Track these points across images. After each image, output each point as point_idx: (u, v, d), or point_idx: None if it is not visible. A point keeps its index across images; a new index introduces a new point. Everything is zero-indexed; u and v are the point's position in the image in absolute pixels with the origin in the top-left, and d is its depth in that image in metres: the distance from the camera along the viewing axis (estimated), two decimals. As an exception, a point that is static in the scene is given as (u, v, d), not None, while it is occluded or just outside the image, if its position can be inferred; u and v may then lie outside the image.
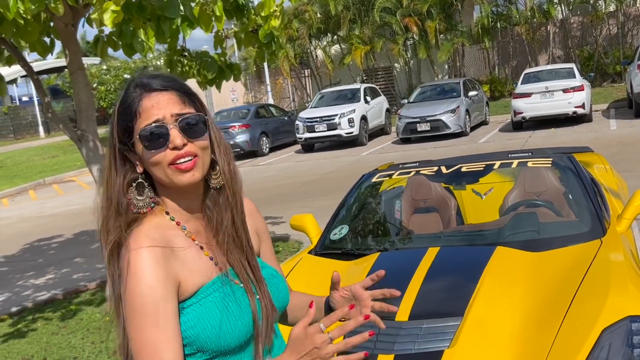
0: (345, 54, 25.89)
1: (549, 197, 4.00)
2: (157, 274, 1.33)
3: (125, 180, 1.42)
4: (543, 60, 24.80)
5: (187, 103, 1.42)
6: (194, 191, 1.45)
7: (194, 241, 1.45)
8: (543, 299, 2.79)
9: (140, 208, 1.42)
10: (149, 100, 1.39)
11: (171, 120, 1.38)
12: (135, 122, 1.39)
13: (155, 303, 1.31)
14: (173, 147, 1.37)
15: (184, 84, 1.46)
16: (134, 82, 1.44)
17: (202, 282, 1.40)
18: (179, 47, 6.03)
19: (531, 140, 14.72)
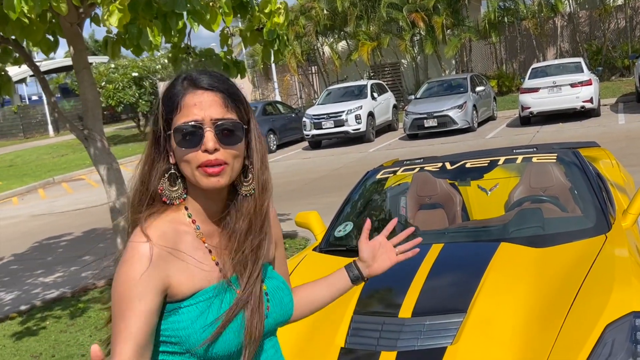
0: (352, 50, 25.86)
1: (555, 192, 3.99)
2: (144, 270, 1.33)
3: (160, 168, 1.44)
4: (551, 55, 24.69)
5: (230, 108, 1.40)
6: (217, 195, 1.44)
7: (203, 243, 1.44)
8: (547, 295, 2.79)
9: (172, 199, 1.43)
10: (192, 97, 1.38)
11: (209, 122, 1.37)
12: (175, 115, 1.39)
13: (131, 298, 1.32)
14: (205, 149, 1.37)
15: (232, 86, 1.44)
16: (184, 74, 1.43)
17: (201, 285, 1.40)
18: (183, 44, 6.04)
19: (539, 135, 14.66)
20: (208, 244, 1.45)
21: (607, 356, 2.34)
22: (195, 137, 1.37)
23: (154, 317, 1.35)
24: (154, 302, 1.34)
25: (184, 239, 1.42)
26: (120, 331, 1.31)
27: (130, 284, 1.33)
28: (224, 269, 1.44)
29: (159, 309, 1.36)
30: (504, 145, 10.87)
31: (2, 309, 6.72)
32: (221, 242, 1.46)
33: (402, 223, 4.35)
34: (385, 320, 2.79)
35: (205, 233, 1.45)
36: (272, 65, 26.57)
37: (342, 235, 3.94)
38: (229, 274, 1.44)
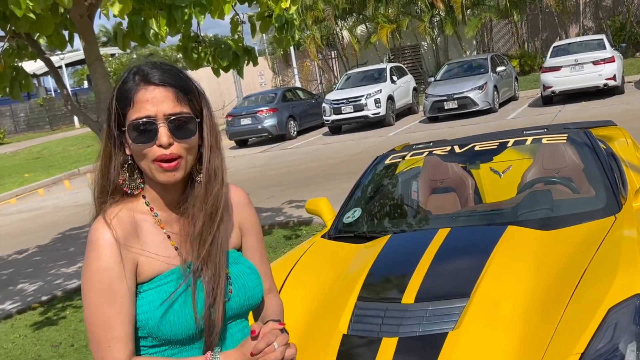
0: (371, 33, 25.67)
1: (568, 173, 3.93)
2: (113, 255, 1.38)
3: (118, 160, 1.48)
4: (573, 32, 24.26)
5: (182, 102, 1.43)
6: (174, 185, 1.47)
7: (162, 229, 1.48)
8: (551, 278, 2.76)
9: (133, 189, 1.48)
10: (144, 93, 1.41)
11: (162, 118, 1.41)
12: (128, 110, 1.42)
13: (111, 282, 1.37)
14: (159, 144, 1.40)
15: (184, 79, 1.47)
16: (135, 68, 1.46)
17: (160, 270, 1.44)
18: (192, 34, 6.03)
19: (561, 114, 14.46)
20: (167, 230, 1.49)
21: (609, 339, 2.31)
22: (150, 133, 1.40)
23: (134, 298, 1.41)
24: (131, 282, 1.40)
25: (142, 225, 1.46)
26: (113, 316, 1.36)
27: (108, 270, 1.38)
28: (184, 254, 1.47)
29: (135, 289, 1.42)
30: (525, 126, 10.74)
31: (25, 299, 6.84)
32: (181, 228, 1.49)
33: (414, 208, 4.34)
34: (388, 306, 2.78)
35: (164, 220, 1.49)
36: (291, 51, 26.51)
37: (350, 221, 3.93)
38: (189, 259, 1.47)
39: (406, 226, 3.91)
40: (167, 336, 1.41)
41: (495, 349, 2.43)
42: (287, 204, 9.57)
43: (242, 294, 1.53)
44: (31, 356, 5.07)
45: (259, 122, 19.01)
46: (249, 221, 1.67)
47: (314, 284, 3.18)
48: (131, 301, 1.40)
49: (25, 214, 13.60)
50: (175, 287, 1.43)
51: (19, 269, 8.39)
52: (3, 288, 7.58)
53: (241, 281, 1.54)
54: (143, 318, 1.41)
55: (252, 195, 9.19)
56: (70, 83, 40.40)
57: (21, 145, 30.12)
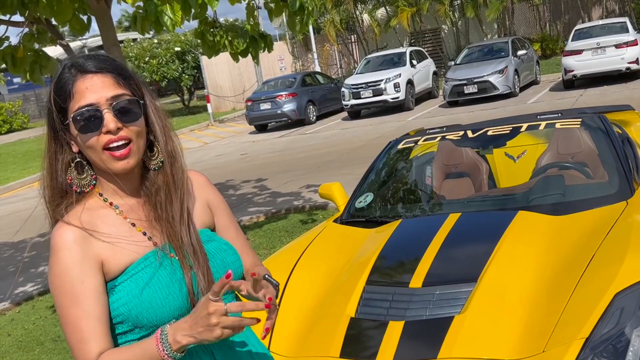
0: (391, 17, 25.49)
1: (583, 158, 3.92)
2: (73, 255, 1.37)
3: (65, 160, 1.45)
4: (596, 15, 23.89)
5: (123, 86, 1.42)
6: (128, 174, 1.46)
7: (125, 219, 1.46)
8: (559, 264, 2.76)
9: (82, 187, 1.45)
10: (83, 82, 1.39)
11: (105, 104, 1.38)
12: (69, 103, 1.40)
13: (71, 283, 1.36)
14: (107, 131, 1.38)
15: (120, 65, 1.46)
16: (69, 62, 1.44)
17: (132, 259, 1.42)
18: (209, 19, 6.06)
19: (582, 99, 14.30)
20: (130, 219, 1.47)
21: (614, 324, 2.31)
22: (95, 121, 1.38)
23: (103, 295, 1.39)
24: (96, 279, 1.38)
25: (104, 220, 1.44)
26: (79, 317, 1.35)
27: (65, 272, 1.36)
28: (154, 237, 1.46)
29: (104, 286, 1.39)
30: (546, 110, 10.65)
31: (46, 282, 6.96)
32: (147, 213, 1.49)
33: (427, 193, 4.35)
34: (396, 290, 2.81)
35: (125, 209, 1.48)
36: (311, 35, 26.43)
37: (362, 206, 3.95)
38: (159, 242, 1.46)
39: (418, 211, 3.92)
40: (153, 322, 1.40)
41: (500, 333, 2.45)
42: (304, 188, 9.61)
43: (222, 269, 1.51)
44: (51, 337, 5.18)
45: (278, 107, 19.03)
46: (215, 200, 1.66)
47: (324, 267, 3.22)
48: (97, 299, 1.37)
49: (47, 198, 13.78)
50: (152, 272, 1.42)
51: (41, 252, 8.53)
52: (25, 270, 7.73)
53: (219, 257, 1.53)
54: (124, 310, 1.39)
55: (270, 180, 9.30)
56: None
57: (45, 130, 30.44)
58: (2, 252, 9.05)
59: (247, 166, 12.96)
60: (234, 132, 20.78)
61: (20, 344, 5.18)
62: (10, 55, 5.68)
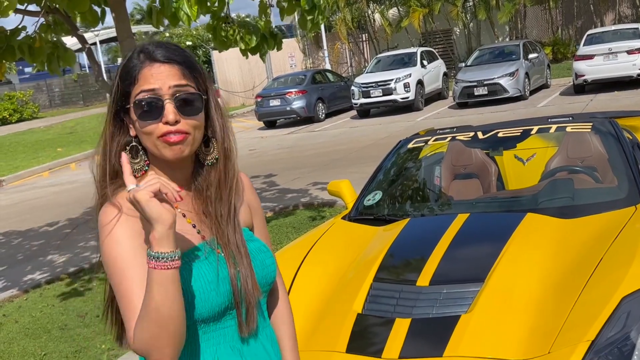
0: (403, 17, 25.47)
1: (592, 163, 3.92)
2: (125, 232, 1.36)
3: (121, 142, 1.45)
4: (609, 20, 23.81)
5: (188, 79, 1.42)
6: (181, 165, 1.46)
7: (177, 208, 1.43)
8: (566, 266, 2.78)
9: (136, 171, 1.43)
10: (149, 69, 1.39)
11: (168, 92, 1.38)
12: (132, 88, 1.40)
13: (122, 256, 1.35)
14: (165, 121, 1.38)
15: (189, 57, 1.45)
16: (140, 47, 1.44)
17: (181, 248, 1.37)
18: (223, 14, 6.09)
19: (592, 104, 14.27)
20: (181, 209, 1.47)
21: (620, 328, 2.32)
22: (156, 110, 1.38)
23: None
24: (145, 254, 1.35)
25: None
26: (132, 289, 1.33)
27: (118, 245, 1.36)
28: (202, 231, 1.47)
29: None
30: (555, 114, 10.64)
31: (54, 270, 7.03)
32: (197, 207, 1.49)
33: (435, 193, 4.37)
34: (403, 288, 2.83)
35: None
36: (322, 33, 26.44)
37: (371, 204, 3.97)
38: (207, 236, 1.47)
39: (426, 210, 3.94)
40: (192, 315, 1.38)
41: (506, 333, 2.47)
42: (312, 185, 9.64)
43: (261, 270, 1.51)
44: (58, 325, 5.22)
45: (287, 104, 19.06)
46: (254, 203, 1.66)
47: (332, 264, 3.24)
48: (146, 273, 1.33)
49: (57, 187, 13.88)
50: (198, 265, 1.41)
51: (50, 241, 8.60)
52: (33, 258, 7.79)
53: (259, 259, 1.53)
54: None
55: (278, 176, 9.33)
56: (105, 60, 40.82)
57: (55, 119, 30.61)
58: (11, 240, 9.11)
59: (255, 162, 13.00)
60: (243, 128, 20.83)
61: (28, 331, 5.23)
62: (27, 46, 5.72)
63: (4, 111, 32.06)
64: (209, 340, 1.43)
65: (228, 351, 1.44)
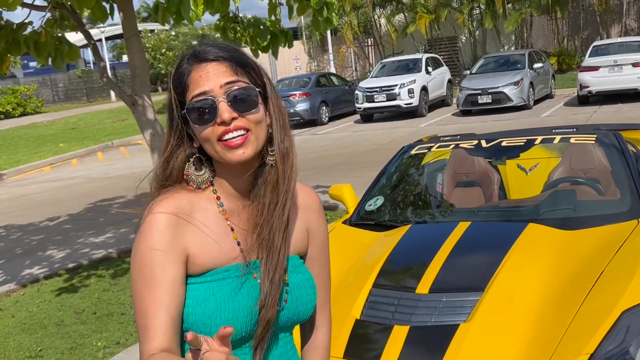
0: (409, 23, 25.49)
1: (595, 175, 3.92)
2: (162, 239, 1.29)
3: (182, 155, 1.38)
4: (615, 33, 23.80)
5: (240, 73, 1.33)
6: (245, 169, 1.35)
7: (226, 220, 1.37)
8: (567, 278, 2.77)
9: (200, 184, 1.37)
10: (197, 71, 1.32)
11: (220, 92, 1.30)
12: (185, 94, 1.33)
13: (152, 267, 1.28)
14: (221, 121, 1.29)
15: (239, 52, 1.36)
16: (189, 52, 1.37)
17: (216, 264, 1.33)
18: (231, 14, 6.09)
19: (596, 115, 14.26)
20: (231, 222, 1.37)
21: (620, 342, 2.32)
22: (210, 111, 1.30)
23: (181, 287, 1.29)
24: (177, 270, 1.29)
25: (204, 214, 1.36)
26: (150, 303, 1.26)
27: (150, 255, 1.28)
28: (246, 250, 1.35)
29: (183, 279, 1.31)
30: (558, 125, 10.64)
31: (52, 266, 7.01)
32: (248, 221, 1.38)
33: (437, 199, 4.36)
34: (402, 294, 2.82)
35: (229, 210, 1.38)
36: (328, 36, 26.47)
37: (372, 209, 3.96)
38: (249, 257, 1.35)
39: (428, 217, 3.93)
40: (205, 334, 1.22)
41: (505, 344, 2.46)
42: (313, 188, 9.61)
43: (294, 307, 1.39)
44: (54, 321, 5.21)
45: (291, 106, 19.06)
46: (317, 227, 1.51)
47: (332, 268, 3.22)
48: (172, 290, 1.27)
49: (58, 183, 13.88)
50: (228, 287, 1.31)
51: (49, 236, 8.60)
52: (32, 253, 7.79)
53: (296, 293, 1.40)
54: (184, 312, 1.30)
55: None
56: (109, 57, 40.92)
57: (58, 115, 30.64)
58: (10, 234, 9.11)
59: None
60: (246, 129, 20.79)
61: (24, 326, 5.22)
62: (33, 41, 5.72)
63: (7, 105, 32.09)
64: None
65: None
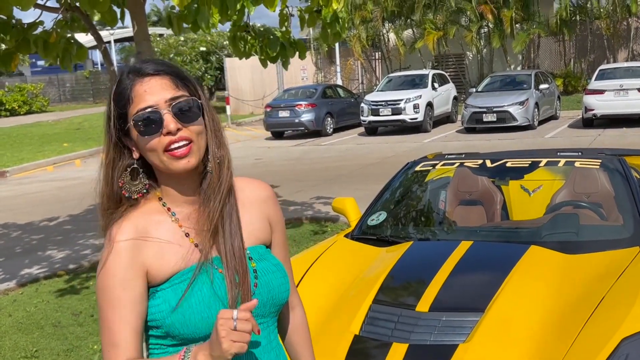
0: (417, 38, 25.57)
1: (598, 199, 3.92)
2: (120, 261, 1.39)
3: (122, 166, 1.45)
4: (622, 57, 23.83)
5: (181, 87, 1.43)
6: (189, 177, 1.45)
7: (180, 227, 1.46)
8: (567, 303, 2.77)
9: (132, 193, 1.45)
10: (141, 85, 1.40)
11: (165, 105, 1.39)
12: (128, 108, 1.41)
13: (113, 287, 1.38)
14: (167, 132, 1.38)
15: (177, 67, 1.47)
16: (127, 67, 1.44)
17: (178, 268, 1.42)
18: (242, 23, 6.11)
19: (600, 139, 14.27)
20: (185, 227, 1.46)
21: (618, 370, 2.32)
22: (155, 123, 1.38)
23: (142, 303, 1.41)
24: (138, 287, 1.40)
25: (159, 226, 1.44)
26: (114, 321, 1.38)
27: (111, 277, 1.38)
28: (205, 249, 1.44)
29: (144, 295, 1.41)
30: (562, 147, 10.64)
31: (52, 266, 7.01)
32: (201, 223, 1.46)
33: (439, 217, 4.36)
34: (402, 312, 2.82)
35: (182, 217, 1.47)
36: (336, 48, 26.53)
37: (374, 224, 3.97)
38: (209, 255, 1.44)
39: (430, 234, 3.94)
40: (185, 335, 1.39)
41: (503, 366, 2.46)
42: (315, 199, 9.64)
43: (266, 292, 1.47)
44: (51, 322, 5.21)
45: (296, 116, 19.11)
46: (276, 216, 1.61)
47: (332, 281, 3.23)
48: (133, 308, 1.39)
49: (60, 182, 13.89)
50: (194, 284, 1.40)
51: (49, 236, 8.60)
52: (32, 253, 7.79)
53: (265, 278, 1.49)
54: (159, 317, 1.40)
55: (282, 187, 9.30)
56: (117, 59, 41.01)
57: (63, 114, 30.71)
58: (10, 233, 9.11)
59: (260, 171, 13.01)
60: (250, 137, 20.87)
61: (21, 325, 5.21)
62: (42, 40, 5.75)
63: (13, 102, 32.19)
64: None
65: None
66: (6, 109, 31.96)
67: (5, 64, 5.80)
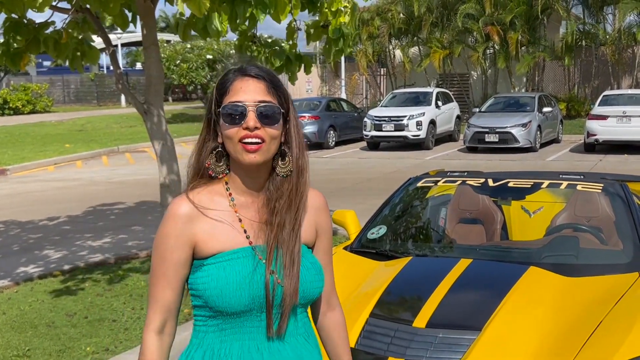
0: (423, 56, 25.68)
1: (598, 223, 3.92)
2: (175, 227, 1.61)
3: (209, 147, 1.66)
4: (626, 84, 23.93)
5: (272, 94, 1.61)
6: (255, 172, 1.63)
7: (235, 213, 1.64)
8: (565, 325, 2.76)
9: (217, 173, 1.65)
10: (240, 82, 1.61)
11: (252, 104, 1.58)
12: (225, 97, 1.61)
13: (165, 248, 1.61)
14: (246, 127, 1.57)
15: (275, 77, 1.65)
16: (236, 67, 1.66)
17: (224, 247, 1.60)
18: (250, 33, 6.15)
19: (601, 164, 14.29)
20: (239, 214, 1.64)
21: (614, 395, 2.31)
22: (240, 116, 1.58)
23: (185, 267, 1.62)
24: (183, 254, 1.61)
25: (217, 206, 1.63)
26: (158, 277, 1.62)
27: (165, 238, 1.61)
28: (252, 237, 1.62)
29: (188, 262, 1.62)
30: (563, 170, 10.66)
31: (48, 266, 7.00)
32: (258, 216, 1.64)
33: (439, 234, 4.36)
34: (399, 327, 2.81)
35: (239, 204, 1.65)
36: (342, 62, 26.64)
37: (374, 237, 3.97)
38: (255, 242, 1.61)
39: (429, 251, 3.94)
40: (220, 308, 1.57)
41: (498, 385, 2.45)
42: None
43: (302, 285, 1.62)
44: (45, 322, 5.19)
45: (299, 127, 19.14)
46: (324, 225, 1.77)
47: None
48: (176, 271, 1.61)
49: (61, 183, 13.89)
50: (234, 265, 1.58)
51: (47, 235, 8.59)
52: (29, 251, 7.77)
53: (303, 273, 1.63)
54: (201, 288, 1.59)
55: (282, 198, 9.06)
56: (123, 63, 41.20)
57: (67, 115, 30.76)
58: (8, 230, 9.10)
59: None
60: (252, 146, 20.85)
61: (14, 324, 5.19)
62: (53, 40, 5.77)
63: (17, 101, 32.26)
64: (235, 333, 1.60)
65: (251, 347, 1.60)
66: (10, 107, 32.03)
67: (15, 63, 5.82)
